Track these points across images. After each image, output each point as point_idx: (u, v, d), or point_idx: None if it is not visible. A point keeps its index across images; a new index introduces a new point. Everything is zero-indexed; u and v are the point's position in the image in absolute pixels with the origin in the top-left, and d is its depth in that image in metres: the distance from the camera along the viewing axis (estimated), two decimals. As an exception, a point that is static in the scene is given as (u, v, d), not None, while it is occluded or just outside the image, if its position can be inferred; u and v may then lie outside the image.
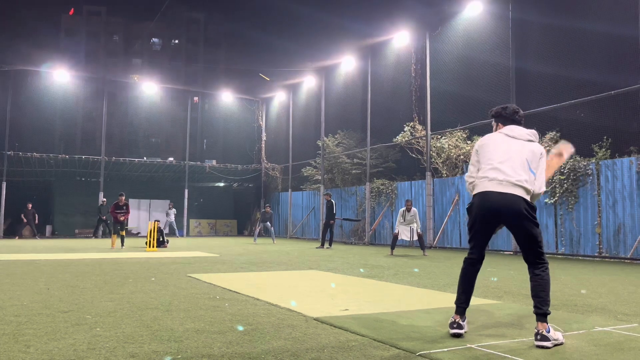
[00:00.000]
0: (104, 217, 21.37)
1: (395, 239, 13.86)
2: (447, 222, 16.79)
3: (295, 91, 26.50)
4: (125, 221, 16.39)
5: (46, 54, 39.58)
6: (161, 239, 16.43)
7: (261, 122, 29.51)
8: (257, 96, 29.08)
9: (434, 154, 17.72)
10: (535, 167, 3.97)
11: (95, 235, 23.67)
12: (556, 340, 3.63)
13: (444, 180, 17.22)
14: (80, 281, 7.12)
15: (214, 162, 28.30)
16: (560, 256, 13.23)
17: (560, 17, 14.01)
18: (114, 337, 3.77)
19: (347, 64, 22.15)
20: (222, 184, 31.02)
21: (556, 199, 13.50)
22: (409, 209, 13.70)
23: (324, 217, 18.27)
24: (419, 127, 18.43)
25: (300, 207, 25.57)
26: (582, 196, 13.03)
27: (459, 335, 3.84)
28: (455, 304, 4.00)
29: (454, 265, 10.49)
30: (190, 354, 3.31)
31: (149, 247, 15.12)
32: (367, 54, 20.84)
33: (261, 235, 23.76)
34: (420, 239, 13.69)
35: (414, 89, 18.73)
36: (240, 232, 29.94)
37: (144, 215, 27.37)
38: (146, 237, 16.76)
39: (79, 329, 4.02)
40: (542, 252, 3.87)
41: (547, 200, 13.75)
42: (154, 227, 15.46)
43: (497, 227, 4.03)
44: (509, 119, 4.18)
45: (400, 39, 19.23)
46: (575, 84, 13.44)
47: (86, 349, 3.41)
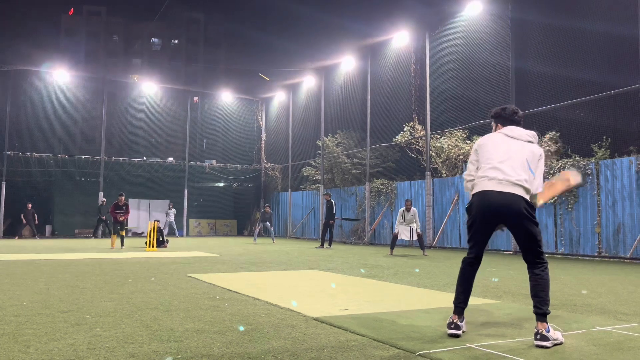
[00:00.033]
0: (104, 217, 21.38)
1: (394, 238, 13.87)
2: (447, 222, 16.80)
3: (295, 91, 26.49)
4: (125, 221, 16.41)
5: (46, 54, 39.62)
6: (161, 238, 16.46)
7: (261, 122, 29.49)
8: (256, 96, 29.07)
9: (433, 153, 17.73)
10: (534, 168, 3.99)
11: (95, 235, 23.67)
12: (556, 340, 3.64)
13: (444, 180, 17.22)
14: (80, 281, 7.12)
15: (214, 162, 28.28)
16: (559, 256, 13.23)
17: (559, 17, 14.01)
18: (113, 337, 3.77)
19: (346, 64, 22.14)
20: (221, 184, 31.02)
21: (556, 198, 13.51)
22: (408, 208, 13.70)
23: (324, 217, 18.28)
24: (418, 127, 18.43)
25: (300, 207, 25.57)
26: (582, 196, 13.04)
27: (457, 335, 3.84)
28: (453, 304, 4.00)
29: (454, 265, 10.49)
30: (190, 354, 3.31)
31: (149, 247, 15.13)
32: (366, 54, 20.84)
33: (261, 235, 23.76)
34: (420, 239, 13.70)
35: (414, 89, 18.73)
36: (240, 232, 29.94)
37: (143, 215, 27.37)
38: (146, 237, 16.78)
39: (78, 329, 4.02)
40: (541, 252, 3.88)
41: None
42: (154, 227, 15.48)
43: (496, 226, 4.03)
44: (508, 120, 4.19)
45: (399, 38, 19.23)
46: (574, 83, 13.44)
47: (86, 349, 3.41)
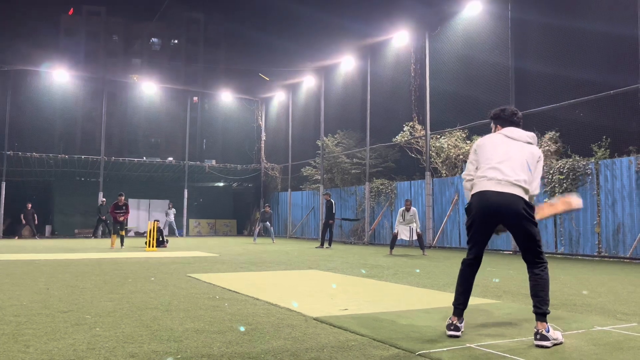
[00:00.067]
0: (104, 217, 21.38)
1: (394, 238, 13.87)
2: (447, 221, 16.80)
3: (294, 91, 26.48)
4: (124, 221, 16.41)
5: (46, 54, 39.59)
6: (161, 238, 16.46)
7: (261, 122, 29.49)
8: (256, 96, 29.07)
9: (433, 153, 17.73)
10: (533, 169, 3.98)
11: (94, 235, 23.66)
12: (555, 339, 3.64)
13: (444, 180, 17.22)
14: (79, 281, 7.12)
15: (214, 162, 28.28)
16: (559, 256, 13.24)
17: (559, 17, 14.02)
18: (113, 337, 3.77)
19: (346, 63, 22.14)
20: (221, 184, 31.01)
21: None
22: (408, 208, 13.70)
23: (324, 217, 18.28)
24: (418, 126, 18.43)
25: (299, 206, 25.57)
26: (582, 196, 13.02)
27: (456, 337, 3.84)
28: (453, 305, 3.99)
29: (454, 265, 10.49)
30: (190, 354, 3.32)
31: (149, 247, 15.13)
32: (366, 54, 20.84)
33: (261, 235, 23.75)
34: (419, 239, 13.70)
35: (414, 89, 18.73)
36: (239, 232, 29.94)
37: (143, 215, 27.37)
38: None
39: (78, 329, 4.02)
40: (541, 252, 3.88)
41: (546, 200, 13.74)
42: (154, 227, 15.48)
43: (496, 226, 4.03)
44: (508, 121, 4.19)
45: (399, 38, 19.23)
46: (574, 83, 13.44)
47: (86, 349, 3.41)
